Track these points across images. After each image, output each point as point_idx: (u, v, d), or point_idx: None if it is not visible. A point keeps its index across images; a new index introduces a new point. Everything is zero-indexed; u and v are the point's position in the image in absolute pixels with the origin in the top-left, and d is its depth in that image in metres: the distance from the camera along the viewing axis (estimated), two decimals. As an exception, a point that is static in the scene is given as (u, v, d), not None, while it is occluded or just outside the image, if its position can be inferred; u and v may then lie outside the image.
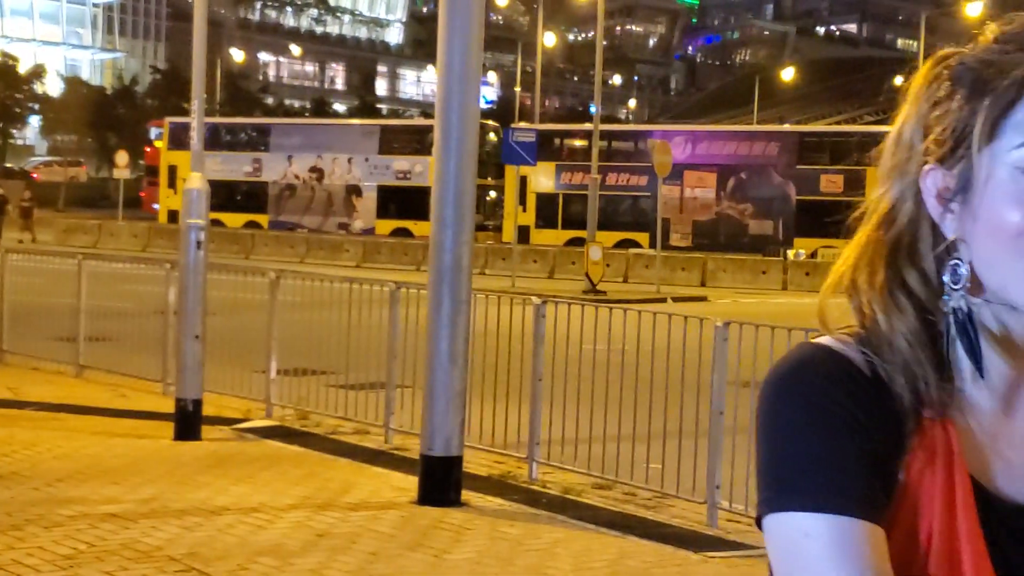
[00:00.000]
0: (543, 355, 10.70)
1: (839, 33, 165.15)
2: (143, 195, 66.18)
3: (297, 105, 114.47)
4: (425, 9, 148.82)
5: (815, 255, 43.04)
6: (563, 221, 51.89)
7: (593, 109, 43.52)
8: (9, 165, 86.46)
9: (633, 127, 78.32)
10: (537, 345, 10.72)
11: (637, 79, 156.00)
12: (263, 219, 57.27)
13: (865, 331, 1.45)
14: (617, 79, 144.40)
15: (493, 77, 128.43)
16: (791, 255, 44.25)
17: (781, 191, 49.87)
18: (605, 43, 52.62)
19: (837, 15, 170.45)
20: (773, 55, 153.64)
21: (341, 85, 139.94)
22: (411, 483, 9.71)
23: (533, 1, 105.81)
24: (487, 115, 65.10)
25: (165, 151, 58.79)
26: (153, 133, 65.48)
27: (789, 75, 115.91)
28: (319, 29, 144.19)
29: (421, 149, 54.22)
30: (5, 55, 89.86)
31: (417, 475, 9.62)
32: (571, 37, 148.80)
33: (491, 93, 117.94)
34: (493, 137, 54.15)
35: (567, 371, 10.96)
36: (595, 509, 9.49)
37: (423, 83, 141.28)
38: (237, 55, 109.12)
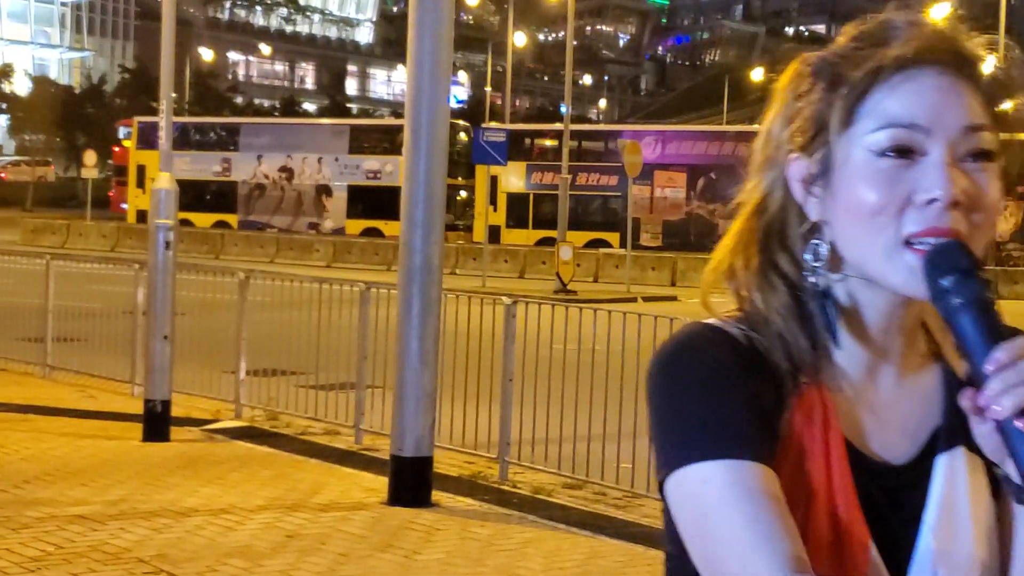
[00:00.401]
0: (514, 355, 10.69)
1: (808, 33, 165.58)
2: (111, 195, 65.88)
3: (267, 104, 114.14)
4: (395, 8, 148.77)
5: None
6: (534, 221, 51.91)
7: (564, 109, 43.52)
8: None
9: (604, 127, 78.35)
10: (508, 345, 10.70)
11: (607, 79, 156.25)
12: (232, 219, 57.11)
13: (744, 312, 1.59)
14: (587, 79, 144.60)
15: (463, 77, 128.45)
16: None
17: (751, 191, 49.92)
18: (575, 43, 52.67)
19: (806, 16, 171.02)
20: (742, 55, 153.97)
21: (311, 84, 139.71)
22: (381, 484, 9.68)
23: (503, 1, 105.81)
24: (457, 115, 65.11)
25: (134, 151, 58.54)
26: (122, 132, 65.20)
27: (759, 75, 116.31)
28: (289, 28, 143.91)
29: (391, 149, 54.14)
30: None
31: (387, 476, 9.59)
32: (541, 37, 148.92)
33: (461, 93, 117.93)
34: (464, 137, 54.09)
35: (537, 371, 10.95)
36: (566, 509, 9.48)
37: (393, 83, 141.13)
38: (206, 54, 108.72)
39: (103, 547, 7.90)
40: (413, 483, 9.42)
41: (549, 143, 54.15)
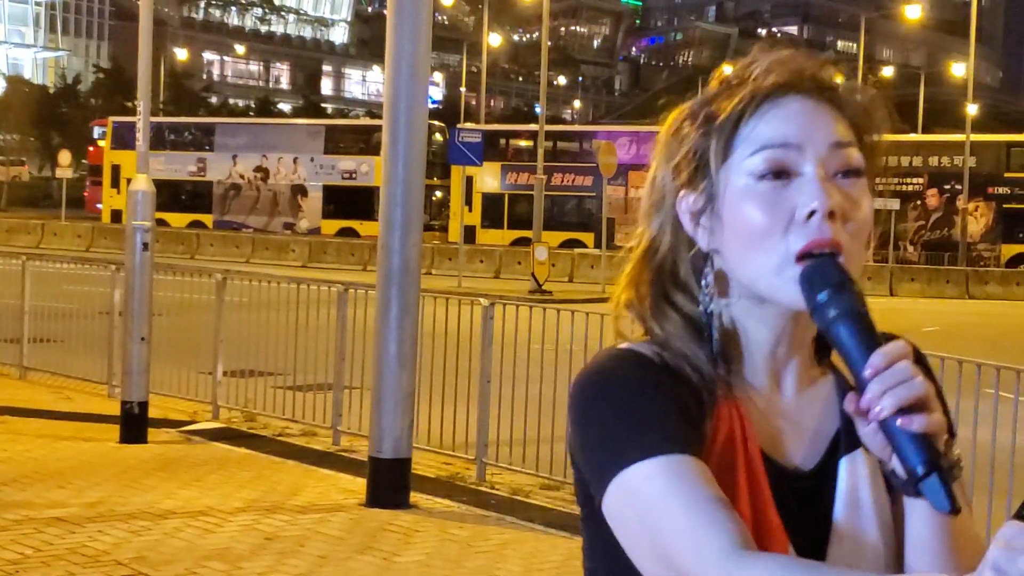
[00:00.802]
0: (492, 356, 10.70)
1: (780, 35, 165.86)
2: (86, 195, 65.71)
3: (241, 104, 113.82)
4: (370, 9, 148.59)
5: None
6: (509, 221, 51.97)
7: (538, 109, 43.50)
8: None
9: (579, 128, 78.36)
10: (486, 347, 10.72)
11: (581, 80, 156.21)
12: (208, 219, 57.01)
13: (651, 336, 1.71)
14: (562, 79, 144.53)
15: (438, 77, 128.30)
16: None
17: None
18: (550, 44, 52.66)
19: (779, 17, 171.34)
20: (716, 56, 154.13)
21: (286, 84, 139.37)
22: (359, 485, 9.69)
23: (478, 1, 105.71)
24: (433, 115, 64.85)
25: (108, 150, 58.40)
26: (96, 132, 64.97)
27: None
28: (263, 28, 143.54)
29: (367, 149, 54.17)
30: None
31: (365, 477, 9.60)
32: (516, 38, 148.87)
33: (436, 93, 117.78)
34: (439, 137, 54.08)
35: (515, 372, 10.96)
36: (544, 510, 9.50)
37: (368, 83, 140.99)
38: (181, 54, 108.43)
39: (81, 549, 7.88)
40: (391, 485, 9.43)
41: (524, 144, 54.19)
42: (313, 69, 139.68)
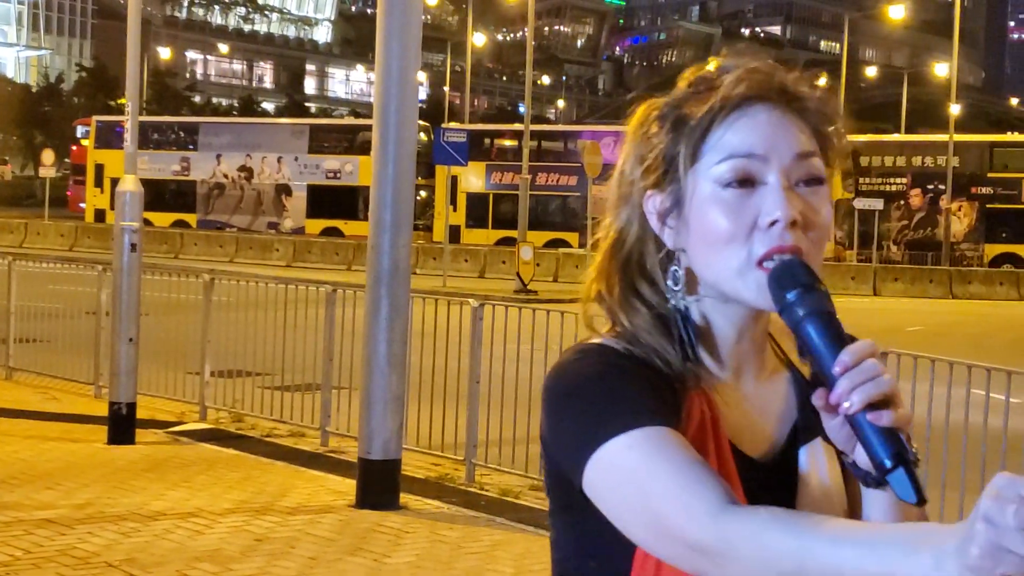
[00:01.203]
0: (481, 357, 10.69)
1: (764, 35, 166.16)
2: (69, 194, 65.50)
3: (225, 104, 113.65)
4: (353, 8, 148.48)
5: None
6: (493, 221, 51.92)
7: (523, 109, 43.48)
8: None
9: (563, 127, 78.38)
10: (475, 347, 10.71)
11: (565, 79, 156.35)
12: (191, 218, 56.85)
13: (619, 330, 1.76)
14: (546, 79, 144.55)
15: (422, 76, 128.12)
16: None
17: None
18: (534, 43, 52.63)
19: (762, 17, 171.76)
20: (699, 56, 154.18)
21: (269, 84, 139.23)
22: (348, 486, 9.68)
23: (462, 1, 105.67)
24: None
25: (92, 150, 58.16)
26: (80, 131, 64.73)
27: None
28: (247, 27, 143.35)
29: (351, 148, 54.10)
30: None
31: (354, 478, 9.59)
32: (500, 37, 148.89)
33: (420, 92, 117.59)
34: (424, 137, 53.91)
35: (505, 373, 10.94)
36: (533, 511, 9.49)
37: (352, 82, 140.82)
38: (164, 53, 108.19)
39: (71, 551, 7.86)
40: (381, 486, 9.41)
41: (509, 143, 54.13)
42: (297, 68, 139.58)
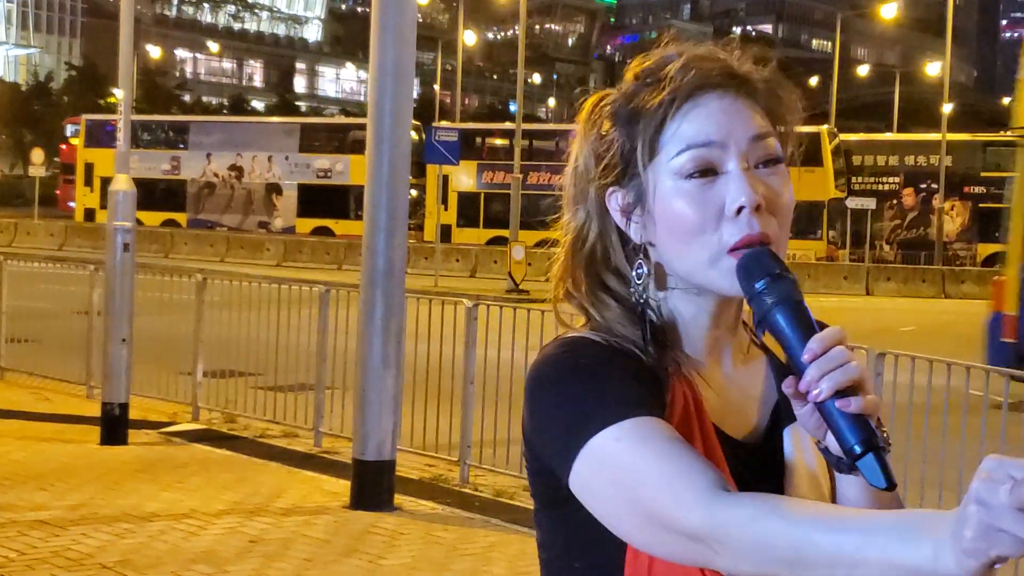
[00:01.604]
0: (475, 358, 10.66)
1: (755, 34, 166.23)
2: (59, 193, 65.36)
3: (215, 102, 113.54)
4: (344, 6, 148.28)
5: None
6: (484, 220, 51.89)
7: (514, 107, 43.48)
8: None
9: (555, 126, 78.32)
10: (469, 348, 10.68)
11: (556, 78, 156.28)
12: (182, 217, 56.77)
13: (593, 323, 1.76)
14: (537, 78, 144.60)
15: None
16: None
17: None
18: (525, 42, 52.60)
19: (754, 16, 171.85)
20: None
21: (259, 82, 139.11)
22: (343, 487, 9.64)
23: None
24: (408, 113, 64.78)
25: (82, 148, 58.09)
26: (69, 130, 64.60)
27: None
28: (237, 26, 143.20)
29: (342, 147, 54.03)
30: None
31: (348, 479, 9.55)
32: (491, 36, 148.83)
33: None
34: (415, 136, 53.98)
35: (499, 373, 10.91)
36: (528, 512, 9.40)
37: (342, 80, 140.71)
38: (154, 51, 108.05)
39: (65, 553, 7.83)
40: (375, 487, 9.38)
41: (500, 142, 54.10)
42: (287, 67, 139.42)
